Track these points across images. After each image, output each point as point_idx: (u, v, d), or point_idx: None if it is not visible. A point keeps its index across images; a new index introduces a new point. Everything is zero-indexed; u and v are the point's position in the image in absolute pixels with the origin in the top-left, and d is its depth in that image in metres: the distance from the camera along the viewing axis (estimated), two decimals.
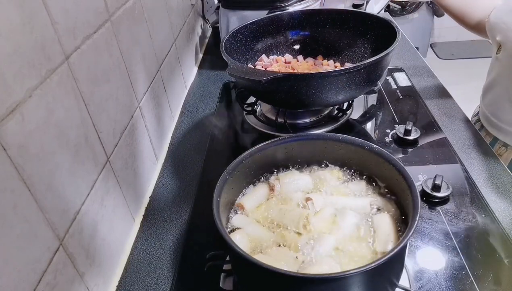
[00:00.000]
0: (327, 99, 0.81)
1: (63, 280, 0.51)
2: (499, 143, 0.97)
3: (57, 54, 0.52)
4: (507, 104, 0.92)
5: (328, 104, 0.91)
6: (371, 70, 0.79)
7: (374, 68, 0.79)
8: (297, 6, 1.16)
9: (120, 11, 0.73)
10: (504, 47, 0.90)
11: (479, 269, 0.60)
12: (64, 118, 0.53)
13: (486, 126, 1.01)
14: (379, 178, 0.63)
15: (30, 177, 0.45)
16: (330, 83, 0.77)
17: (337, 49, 1.04)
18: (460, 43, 3.48)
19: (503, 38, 0.89)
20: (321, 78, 0.76)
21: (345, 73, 0.76)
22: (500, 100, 0.94)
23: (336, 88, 0.78)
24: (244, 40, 0.99)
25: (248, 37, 1.00)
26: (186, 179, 0.86)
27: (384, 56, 0.77)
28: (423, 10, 3.03)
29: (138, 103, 0.80)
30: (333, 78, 0.77)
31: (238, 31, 0.97)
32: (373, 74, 0.81)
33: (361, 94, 0.87)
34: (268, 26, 1.03)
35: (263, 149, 0.64)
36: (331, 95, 0.79)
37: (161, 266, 0.68)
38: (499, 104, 0.95)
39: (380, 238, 0.54)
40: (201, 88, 1.21)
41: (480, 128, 1.03)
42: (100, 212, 0.62)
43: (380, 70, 0.83)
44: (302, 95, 0.78)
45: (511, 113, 0.92)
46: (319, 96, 0.79)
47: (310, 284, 0.47)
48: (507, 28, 0.88)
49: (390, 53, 0.79)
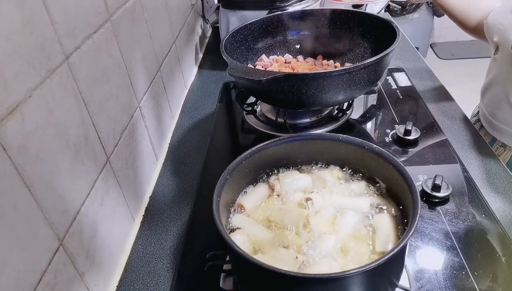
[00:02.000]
0: (327, 99, 0.81)
1: (63, 280, 0.51)
2: (497, 144, 0.98)
3: (57, 54, 0.52)
4: (504, 105, 0.93)
5: (328, 104, 0.91)
6: (371, 70, 0.79)
7: (374, 68, 0.79)
8: (297, 6, 1.17)
9: (120, 11, 0.73)
10: (501, 48, 0.90)
11: (479, 269, 0.60)
12: (64, 118, 0.53)
13: (485, 126, 1.02)
14: (379, 178, 0.63)
15: (30, 177, 0.45)
16: (330, 84, 0.77)
17: (337, 49, 1.04)
18: (460, 43, 3.48)
19: (500, 39, 0.90)
20: (321, 78, 0.77)
21: (345, 73, 0.76)
22: (498, 100, 0.95)
23: (336, 88, 0.78)
24: (244, 40, 1.00)
25: (248, 37, 1.00)
26: (186, 179, 0.86)
27: (384, 56, 0.77)
28: (423, 10, 3.03)
29: (138, 103, 0.80)
30: (333, 79, 0.77)
31: (238, 31, 0.97)
32: (373, 74, 0.81)
33: (361, 94, 0.87)
34: (268, 26, 1.03)
35: (263, 149, 0.64)
36: (331, 95, 0.79)
37: (161, 266, 0.68)
38: (497, 105, 0.96)
39: (380, 238, 0.54)
40: (201, 88, 1.21)
41: (479, 128, 1.03)
42: (100, 212, 0.62)
43: (380, 70, 0.83)
44: (302, 95, 0.78)
45: (508, 113, 0.92)
46: (319, 96, 0.79)
47: (310, 284, 0.47)
48: (503, 29, 0.88)
49: (390, 53, 0.79)
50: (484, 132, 1.02)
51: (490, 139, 1.00)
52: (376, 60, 0.76)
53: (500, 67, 0.93)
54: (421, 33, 3.20)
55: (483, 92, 1.02)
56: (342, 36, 1.03)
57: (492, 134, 0.99)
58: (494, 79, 0.97)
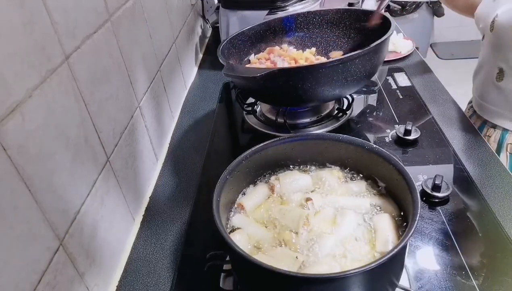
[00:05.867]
0: (324, 93, 0.81)
1: (63, 280, 0.51)
2: (487, 125, 1.05)
3: (57, 54, 0.52)
4: (491, 85, 1.01)
5: (326, 99, 0.90)
6: (366, 60, 0.78)
7: (369, 57, 0.79)
8: (297, 6, 1.17)
9: (120, 11, 0.73)
10: (485, 34, 1.01)
11: (479, 269, 0.60)
12: (64, 119, 0.53)
13: (476, 110, 1.08)
14: (379, 178, 0.63)
15: (30, 177, 0.45)
16: (325, 76, 0.77)
17: (335, 47, 1.04)
18: (460, 43, 3.48)
19: (484, 25, 1.01)
20: (316, 70, 0.76)
21: (339, 64, 0.76)
22: (486, 82, 1.03)
23: (331, 81, 0.78)
24: (243, 46, 1.01)
25: (246, 43, 1.01)
26: (186, 179, 0.86)
27: (378, 44, 0.77)
28: (423, 10, 3.02)
29: (138, 103, 0.80)
30: (328, 70, 0.76)
31: (236, 37, 0.98)
32: (368, 64, 0.80)
33: (358, 88, 0.87)
34: (266, 31, 1.04)
35: (263, 149, 0.64)
36: (328, 88, 0.79)
37: (161, 266, 0.68)
38: (485, 87, 1.04)
39: (380, 238, 0.54)
40: (201, 88, 1.21)
41: (472, 114, 1.11)
42: (100, 212, 0.62)
43: (376, 61, 0.82)
44: (298, 90, 0.78)
45: (495, 94, 1.00)
46: (315, 90, 0.78)
47: (310, 284, 0.47)
48: (486, 15, 0.99)
49: (383, 42, 0.79)
50: (476, 117, 1.09)
51: (481, 122, 1.06)
52: (369, 50, 0.76)
53: (485, 51, 1.03)
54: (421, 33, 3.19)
55: (474, 78, 1.11)
56: (340, 35, 1.03)
57: (482, 116, 1.06)
58: (481, 64, 1.06)
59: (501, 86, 0.98)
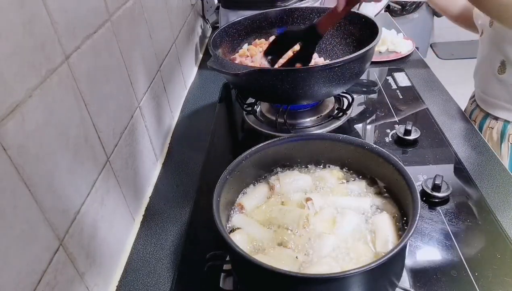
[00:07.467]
0: (305, 94, 0.82)
1: (63, 280, 0.51)
2: (490, 117, 1.07)
3: (57, 54, 0.52)
4: (492, 79, 1.03)
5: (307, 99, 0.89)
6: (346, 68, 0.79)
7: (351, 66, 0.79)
8: (297, 6, 1.16)
9: (120, 11, 0.73)
10: (484, 30, 1.04)
11: (479, 269, 0.60)
12: (64, 118, 0.53)
13: (479, 104, 1.10)
14: (379, 178, 0.63)
15: (30, 177, 0.45)
16: (304, 80, 0.78)
17: (328, 46, 1.06)
18: (460, 43, 3.48)
19: (483, 21, 1.04)
20: (295, 74, 0.77)
21: (318, 70, 0.77)
22: (487, 77, 1.05)
23: (310, 85, 0.79)
24: (237, 35, 1.02)
25: (241, 32, 1.03)
26: (186, 179, 0.86)
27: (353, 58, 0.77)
28: (423, 10, 3.02)
29: (138, 103, 0.80)
30: (307, 75, 0.77)
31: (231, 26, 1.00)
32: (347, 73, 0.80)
33: (341, 90, 0.88)
34: (262, 22, 1.05)
35: (263, 149, 0.64)
36: (307, 90, 0.80)
37: (161, 266, 0.68)
38: (487, 81, 1.06)
39: (380, 238, 0.54)
40: (201, 88, 1.21)
41: (475, 108, 1.13)
42: (100, 212, 0.62)
43: (358, 69, 0.83)
44: (278, 90, 0.80)
45: (497, 87, 1.02)
46: (295, 92, 0.80)
47: (310, 284, 0.47)
48: None
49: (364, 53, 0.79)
50: (478, 111, 1.11)
51: (484, 115, 1.08)
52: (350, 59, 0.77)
53: (485, 46, 1.06)
54: (421, 33, 3.19)
55: (475, 74, 1.13)
56: (333, 34, 1.04)
57: (485, 110, 1.08)
58: (481, 59, 1.09)
59: (503, 78, 1.00)
